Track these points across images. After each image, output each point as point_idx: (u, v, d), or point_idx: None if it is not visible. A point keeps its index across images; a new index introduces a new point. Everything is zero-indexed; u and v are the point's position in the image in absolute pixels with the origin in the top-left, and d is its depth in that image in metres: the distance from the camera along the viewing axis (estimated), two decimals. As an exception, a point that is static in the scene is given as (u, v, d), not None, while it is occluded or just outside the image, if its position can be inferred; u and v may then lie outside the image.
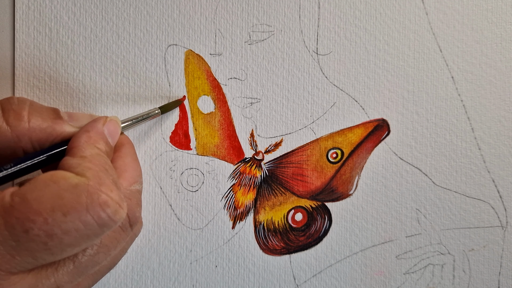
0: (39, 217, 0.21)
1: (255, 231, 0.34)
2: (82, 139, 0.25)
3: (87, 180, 0.22)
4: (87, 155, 0.24)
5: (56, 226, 0.21)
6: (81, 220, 0.21)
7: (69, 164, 0.23)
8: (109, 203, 0.22)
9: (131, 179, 0.28)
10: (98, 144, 0.25)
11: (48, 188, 0.21)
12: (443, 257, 0.35)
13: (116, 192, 0.23)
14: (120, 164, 0.28)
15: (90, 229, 0.22)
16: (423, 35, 0.34)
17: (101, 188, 0.22)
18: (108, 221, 0.22)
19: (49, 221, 0.21)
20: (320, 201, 0.35)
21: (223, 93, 0.34)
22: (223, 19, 0.33)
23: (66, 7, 0.32)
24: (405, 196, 0.35)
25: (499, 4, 0.34)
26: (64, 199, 0.21)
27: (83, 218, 0.21)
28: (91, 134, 0.26)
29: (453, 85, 0.34)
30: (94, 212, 0.22)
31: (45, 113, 0.26)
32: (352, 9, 0.34)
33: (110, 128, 0.27)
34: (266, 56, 0.34)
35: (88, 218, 0.22)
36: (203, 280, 0.34)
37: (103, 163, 0.24)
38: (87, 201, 0.22)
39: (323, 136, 0.34)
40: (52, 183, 0.22)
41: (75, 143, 0.25)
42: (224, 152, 0.34)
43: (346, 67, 0.34)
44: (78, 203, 0.21)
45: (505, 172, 0.35)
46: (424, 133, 0.35)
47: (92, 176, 0.22)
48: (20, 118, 0.25)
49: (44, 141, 0.26)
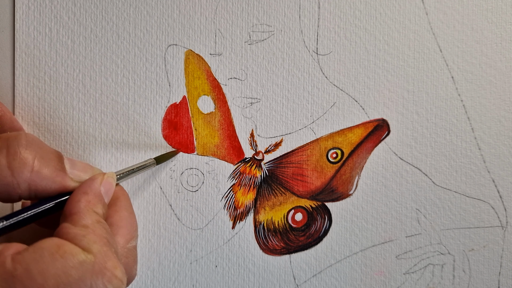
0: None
1: (255, 231, 0.34)
2: (82, 204, 0.25)
3: (93, 257, 0.22)
4: (89, 224, 0.24)
5: None
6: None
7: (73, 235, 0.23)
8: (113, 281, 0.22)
9: (128, 235, 0.27)
10: (96, 208, 0.25)
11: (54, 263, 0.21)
12: (443, 257, 0.35)
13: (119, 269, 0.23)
14: (116, 220, 0.27)
15: None
16: (423, 35, 0.34)
17: (107, 265, 0.22)
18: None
19: None
20: (320, 201, 0.35)
21: (223, 93, 0.34)
22: (223, 19, 0.33)
23: (66, 7, 0.32)
24: (405, 196, 0.35)
25: (499, 4, 0.34)
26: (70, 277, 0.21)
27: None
28: (90, 197, 0.25)
29: (453, 85, 0.34)
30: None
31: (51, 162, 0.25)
32: (352, 9, 0.34)
33: (106, 186, 0.27)
34: (266, 56, 0.34)
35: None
36: (203, 280, 0.34)
37: (105, 234, 0.24)
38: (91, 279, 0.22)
39: (323, 136, 0.34)
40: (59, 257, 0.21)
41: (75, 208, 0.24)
42: (224, 152, 0.34)
43: (346, 67, 0.34)
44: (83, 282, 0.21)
45: (505, 172, 0.35)
46: (424, 133, 0.35)
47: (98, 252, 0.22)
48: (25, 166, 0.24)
49: (42, 191, 0.25)
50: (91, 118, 0.33)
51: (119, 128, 0.33)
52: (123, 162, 0.33)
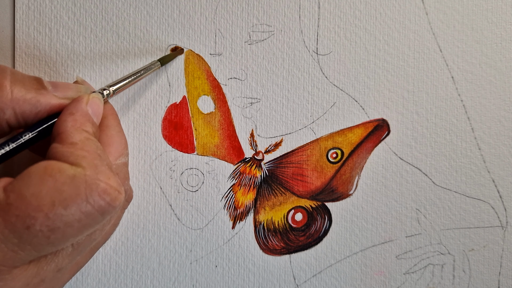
0: (40, 213, 0.21)
1: (255, 231, 0.34)
2: (69, 123, 0.24)
3: (84, 170, 0.22)
4: (77, 141, 0.23)
5: (58, 220, 0.21)
6: (82, 211, 0.21)
7: (60, 153, 0.23)
8: (109, 190, 0.22)
9: (117, 153, 0.27)
10: (85, 127, 0.24)
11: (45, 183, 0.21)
12: (443, 257, 0.35)
13: (114, 178, 0.23)
14: (103, 138, 0.27)
15: (91, 218, 0.22)
16: (423, 35, 0.34)
17: (99, 176, 0.22)
18: (109, 208, 0.22)
19: (51, 216, 0.21)
20: (320, 201, 0.35)
21: (223, 93, 0.34)
22: (223, 19, 0.33)
23: (66, 7, 0.32)
24: (405, 196, 0.35)
25: (499, 4, 0.34)
26: (63, 193, 0.21)
27: (83, 209, 0.21)
28: (77, 117, 0.24)
29: (453, 85, 0.34)
30: (95, 202, 0.22)
31: (28, 83, 0.25)
32: (352, 9, 0.34)
33: (93, 107, 0.26)
34: (266, 56, 0.34)
35: (88, 209, 0.21)
36: (203, 280, 0.34)
37: (95, 149, 0.23)
38: (86, 192, 0.21)
39: (323, 136, 0.34)
40: (48, 177, 0.21)
41: (61, 128, 0.24)
42: (224, 152, 0.34)
43: (346, 67, 0.34)
44: (78, 195, 0.21)
45: (505, 172, 0.35)
46: (424, 133, 0.35)
47: (88, 165, 0.22)
48: (2, 89, 0.24)
49: (29, 113, 0.24)
50: (91, 118, 0.33)
51: (119, 128, 0.33)
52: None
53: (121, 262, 0.33)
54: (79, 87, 0.27)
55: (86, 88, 0.28)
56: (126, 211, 0.33)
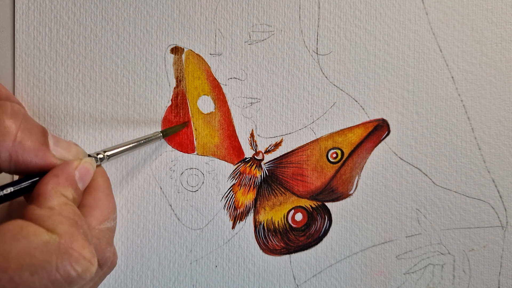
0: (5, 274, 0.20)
1: (255, 231, 0.34)
2: (49, 185, 0.24)
3: (58, 238, 0.21)
4: (55, 205, 0.23)
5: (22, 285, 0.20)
6: (49, 279, 0.21)
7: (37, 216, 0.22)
8: (80, 261, 0.22)
9: (101, 217, 0.26)
10: (65, 191, 0.24)
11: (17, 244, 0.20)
12: (443, 257, 0.35)
13: (88, 249, 0.22)
14: (89, 201, 0.26)
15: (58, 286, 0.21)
16: (423, 35, 0.34)
17: (72, 245, 0.22)
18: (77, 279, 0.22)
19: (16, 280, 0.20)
20: (320, 201, 0.35)
21: (223, 93, 0.34)
22: (223, 19, 0.33)
23: (66, 7, 0.32)
24: (405, 196, 0.35)
25: (499, 4, 0.34)
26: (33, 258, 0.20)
27: (52, 277, 0.21)
28: (60, 180, 0.24)
29: (453, 85, 0.34)
30: (64, 271, 0.21)
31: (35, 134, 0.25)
32: (352, 9, 0.34)
33: (82, 171, 0.26)
34: (266, 56, 0.34)
35: (57, 277, 0.21)
36: (203, 280, 0.34)
37: (72, 214, 0.23)
38: (57, 260, 0.21)
39: (323, 136, 0.34)
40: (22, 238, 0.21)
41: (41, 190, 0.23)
42: (224, 152, 0.34)
43: (346, 67, 0.34)
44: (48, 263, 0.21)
45: (505, 172, 0.35)
46: (424, 133, 0.35)
47: (63, 232, 0.22)
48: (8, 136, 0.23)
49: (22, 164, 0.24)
50: (91, 118, 0.33)
51: (119, 128, 0.33)
52: (124, 162, 0.33)
53: (121, 262, 0.33)
54: (79, 152, 0.27)
55: (84, 153, 0.27)
56: (126, 211, 0.33)
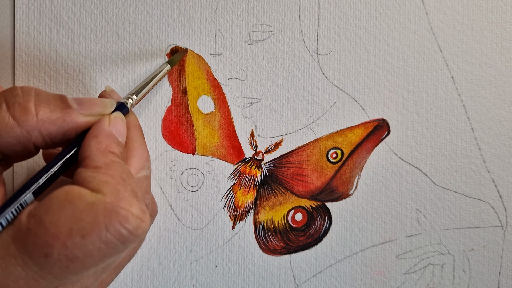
0: (57, 241, 0.20)
1: (255, 231, 0.34)
2: (93, 146, 0.23)
3: (104, 197, 0.21)
4: (101, 165, 0.22)
5: (76, 250, 0.20)
6: (102, 241, 0.20)
7: (83, 178, 0.22)
8: (129, 219, 0.21)
9: (138, 166, 0.26)
10: (111, 148, 0.24)
11: (63, 210, 0.20)
12: (443, 257, 0.35)
13: (137, 205, 0.21)
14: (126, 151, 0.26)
15: (112, 247, 0.21)
16: (423, 35, 0.34)
17: (120, 203, 0.21)
18: (130, 237, 0.21)
19: (68, 245, 0.20)
20: (320, 201, 0.35)
21: (223, 93, 0.34)
22: (223, 19, 0.33)
23: (66, 7, 0.32)
24: (405, 196, 0.35)
25: (499, 4, 0.34)
26: (82, 221, 0.20)
27: (103, 238, 0.20)
28: (101, 139, 0.24)
29: (453, 85, 0.34)
30: (114, 231, 0.21)
31: (53, 102, 0.24)
32: (352, 9, 0.34)
33: (116, 127, 0.25)
34: (266, 56, 0.34)
35: (108, 237, 0.21)
36: (203, 280, 0.34)
37: (120, 172, 0.23)
38: (105, 220, 0.20)
39: (323, 136, 0.34)
40: (67, 203, 0.21)
41: (86, 152, 0.23)
42: (224, 152, 0.34)
43: (346, 67, 0.34)
44: (96, 224, 0.20)
45: (505, 172, 0.35)
46: (424, 133, 0.35)
47: (109, 192, 0.21)
48: (27, 112, 0.23)
49: (55, 134, 0.24)
50: (91, 118, 0.33)
51: (119, 128, 0.33)
52: (123, 162, 0.33)
53: (121, 262, 0.33)
54: (105, 102, 0.26)
55: (112, 102, 0.27)
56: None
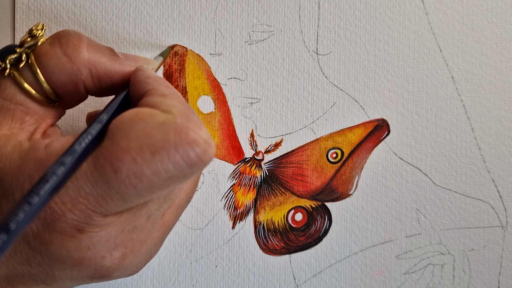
0: (127, 155, 0.20)
1: (255, 231, 0.34)
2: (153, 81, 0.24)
3: (174, 117, 0.21)
4: (167, 93, 0.23)
5: (145, 167, 0.20)
6: (170, 160, 0.20)
7: (151, 102, 0.22)
8: (198, 141, 0.21)
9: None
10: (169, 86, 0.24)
11: (134, 126, 0.21)
12: (443, 257, 0.35)
13: (204, 130, 0.21)
14: None
15: (179, 169, 0.21)
16: (423, 35, 0.34)
17: (189, 125, 0.21)
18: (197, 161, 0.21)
19: (138, 160, 0.20)
20: (320, 201, 0.35)
21: (223, 93, 0.34)
22: (223, 19, 0.33)
23: (66, 7, 0.32)
24: (405, 196, 0.35)
25: (499, 4, 0.34)
26: (152, 138, 0.20)
27: (172, 157, 0.20)
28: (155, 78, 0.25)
29: (453, 85, 0.34)
30: (184, 151, 0.20)
31: (103, 49, 0.25)
32: (352, 9, 0.34)
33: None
34: (266, 56, 0.34)
35: (177, 158, 0.20)
36: (203, 280, 0.34)
37: (184, 101, 0.23)
38: (175, 139, 0.20)
39: (323, 136, 0.34)
40: (138, 120, 0.21)
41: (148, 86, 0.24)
42: (224, 152, 0.34)
43: (346, 67, 0.34)
44: (167, 141, 0.20)
45: (505, 172, 0.35)
46: (424, 133, 0.35)
47: (178, 113, 0.21)
48: (79, 49, 0.24)
49: (104, 76, 0.25)
50: (91, 118, 0.33)
51: (119, 128, 0.33)
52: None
53: (121, 262, 0.33)
54: (148, 59, 0.27)
55: (154, 61, 0.28)
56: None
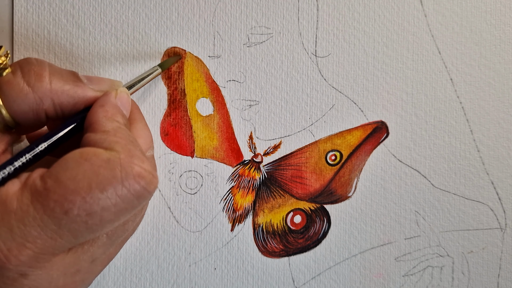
0: (78, 196, 0.21)
1: (254, 233, 0.34)
2: (100, 114, 0.25)
3: (118, 154, 0.22)
4: (109, 129, 0.24)
5: (95, 204, 0.21)
6: (118, 195, 0.21)
7: (94, 140, 0.23)
8: (143, 174, 0.22)
9: (145, 145, 0.27)
10: (116, 117, 0.25)
11: (81, 167, 0.21)
12: (442, 259, 0.35)
13: (148, 163, 0.23)
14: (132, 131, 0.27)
15: (127, 202, 0.22)
16: (421, 37, 0.34)
17: (133, 160, 0.22)
18: (144, 193, 0.22)
19: (88, 199, 0.21)
20: (319, 203, 0.35)
21: (222, 95, 0.34)
22: (222, 22, 0.33)
23: (65, 10, 0.32)
24: (404, 198, 0.35)
25: (497, 6, 0.34)
26: (100, 176, 0.21)
27: (119, 192, 0.21)
28: (107, 108, 0.25)
29: (452, 87, 0.34)
30: (130, 185, 0.22)
31: (66, 75, 0.25)
32: (351, 11, 0.34)
33: (122, 101, 0.27)
34: (265, 58, 0.34)
35: (124, 192, 0.22)
36: (202, 282, 0.34)
37: (127, 136, 0.24)
38: (121, 175, 0.21)
39: (322, 138, 0.34)
40: (84, 161, 0.21)
41: (94, 118, 0.24)
42: (223, 155, 0.34)
43: (344, 69, 0.34)
44: (114, 178, 0.21)
45: (504, 174, 0.35)
46: (423, 135, 0.35)
47: (121, 149, 0.22)
48: (42, 79, 0.24)
49: (66, 104, 0.25)
50: (90, 121, 0.33)
51: (117, 131, 0.33)
52: (122, 165, 0.33)
53: (120, 265, 0.33)
54: (113, 81, 0.28)
55: (119, 82, 0.28)
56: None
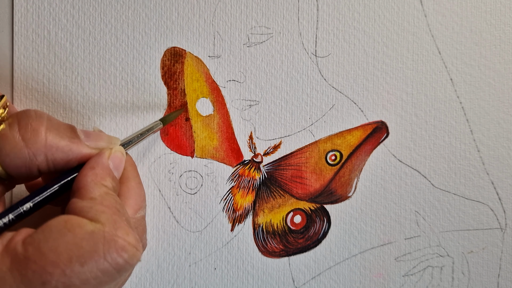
0: (57, 269, 0.20)
1: (254, 233, 0.34)
2: (89, 177, 0.24)
3: (103, 226, 0.22)
4: (96, 196, 0.23)
5: (74, 277, 0.21)
6: (99, 269, 0.21)
7: (80, 208, 0.23)
8: (127, 248, 0.22)
9: (136, 206, 0.27)
10: (104, 181, 0.25)
11: (63, 238, 0.21)
12: (442, 259, 0.35)
13: (132, 235, 0.23)
14: (124, 190, 0.27)
15: (108, 275, 0.22)
16: (421, 37, 0.34)
17: (117, 233, 0.22)
18: (126, 266, 0.22)
19: (67, 273, 0.21)
20: (319, 203, 0.35)
21: (222, 95, 0.34)
22: (222, 22, 0.33)
23: (65, 10, 0.32)
24: (404, 198, 0.35)
25: (497, 6, 0.34)
26: (81, 249, 0.21)
27: (100, 266, 0.21)
28: (97, 171, 0.25)
29: (452, 87, 0.34)
30: (112, 259, 0.21)
31: (63, 130, 0.25)
32: (351, 11, 0.34)
33: (115, 161, 0.26)
34: (265, 58, 0.34)
35: (106, 266, 0.21)
36: (202, 282, 0.34)
37: (114, 203, 0.24)
38: (104, 249, 0.21)
39: (322, 138, 0.34)
40: (67, 232, 0.21)
41: (82, 183, 0.24)
42: (223, 155, 0.34)
43: (344, 69, 0.34)
44: (96, 252, 0.21)
45: (504, 174, 0.35)
46: (423, 135, 0.35)
47: (106, 221, 0.22)
48: (38, 135, 0.24)
49: (60, 160, 0.25)
50: (90, 121, 0.33)
51: (117, 131, 0.33)
52: (122, 165, 0.33)
53: (120, 265, 0.33)
54: (110, 138, 0.27)
55: (117, 139, 0.28)
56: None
